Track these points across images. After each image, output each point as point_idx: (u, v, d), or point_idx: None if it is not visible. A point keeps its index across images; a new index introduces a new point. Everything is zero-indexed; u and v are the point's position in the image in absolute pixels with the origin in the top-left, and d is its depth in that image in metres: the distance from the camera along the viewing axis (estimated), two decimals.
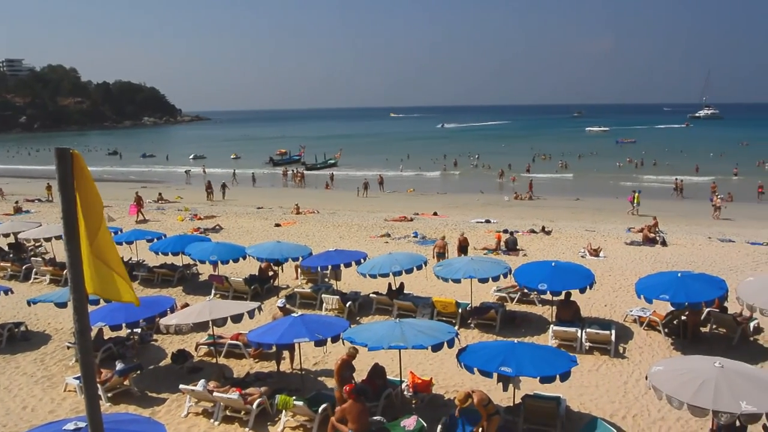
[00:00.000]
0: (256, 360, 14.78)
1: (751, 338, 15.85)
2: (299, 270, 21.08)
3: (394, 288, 18.18)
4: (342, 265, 18.35)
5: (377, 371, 12.36)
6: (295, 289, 19.62)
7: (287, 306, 15.34)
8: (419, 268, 17.37)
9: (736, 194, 45.54)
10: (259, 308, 13.71)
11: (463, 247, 23.69)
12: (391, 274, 16.95)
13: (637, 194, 39.18)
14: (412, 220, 34.84)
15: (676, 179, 50.24)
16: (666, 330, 15.99)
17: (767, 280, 15.01)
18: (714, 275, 16.45)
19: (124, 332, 15.17)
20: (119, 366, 13.22)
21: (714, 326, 16.30)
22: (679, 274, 15.21)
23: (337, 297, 18.20)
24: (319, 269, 19.63)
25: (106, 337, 15.25)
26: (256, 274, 20.57)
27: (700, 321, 15.89)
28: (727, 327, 16.12)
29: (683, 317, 15.85)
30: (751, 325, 16.03)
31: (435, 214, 37.03)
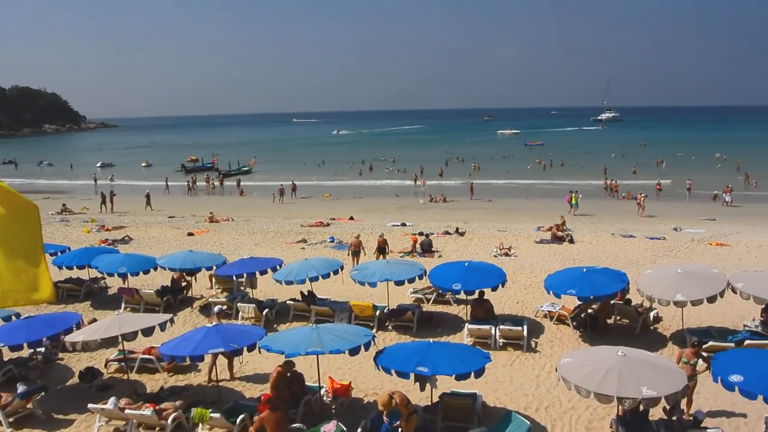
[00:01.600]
0: (171, 374, 14.33)
1: (652, 327, 16.79)
2: (213, 279, 20.62)
3: (305, 294, 18.11)
4: (257, 272, 18.06)
5: (295, 378, 12.26)
6: (210, 299, 19.17)
7: (225, 311, 15.16)
8: (336, 272, 17.39)
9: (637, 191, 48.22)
10: (172, 320, 13.32)
11: (381, 248, 24.01)
12: (307, 279, 16.86)
13: (574, 194, 40.71)
14: (328, 225, 34.81)
15: (609, 180, 52.38)
16: (574, 323, 16.70)
17: (664, 273, 16.02)
18: (616, 269, 17.35)
19: (26, 352, 14.34)
20: (21, 388, 12.47)
21: (618, 317, 17.16)
22: (584, 270, 15.96)
23: (253, 305, 17.91)
24: (234, 278, 19.28)
25: (6, 359, 14.39)
26: (169, 285, 19.95)
27: (608, 313, 16.69)
28: (629, 318, 17.02)
29: (590, 310, 16.62)
30: (651, 315, 17.00)
31: (351, 218, 37.15)
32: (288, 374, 11.58)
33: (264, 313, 17.58)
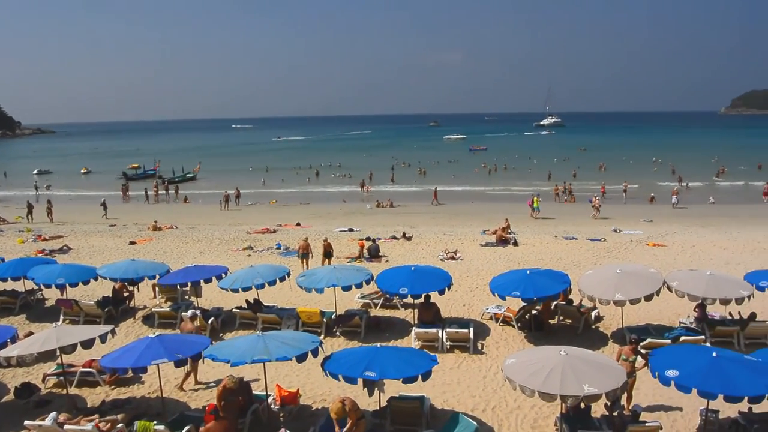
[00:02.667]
0: (112, 386, 13.95)
1: (593, 326, 17.28)
2: (157, 289, 20.16)
3: (251, 302, 17.92)
4: (202, 281, 17.78)
5: (242, 387, 12.09)
6: (153, 309, 18.75)
7: (198, 315, 15.27)
8: (282, 279, 17.26)
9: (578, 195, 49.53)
10: (113, 331, 12.98)
11: (327, 252, 24.18)
12: (253, 287, 16.69)
13: (536, 198, 41.52)
14: (275, 231, 34.50)
15: (565, 183, 53.53)
16: (519, 324, 17.02)
17: (604, 273, 16.51)
18: (559, 271, 17.78)
19: None
20: None
21: (561, 317, 17.58)
22: (528, 272, 16.31)
23: (199, 314, 17.58)
24: (178, 287, 18.90)
25: None
26: (110, 295, 19.41)
27: (551, 313, 17.07)
28: (572, 317, 17.46)
29: (534, 311, 16.97)
30: (593, 314, 17.50)
31: (298, 224, 36.92)
32: (236, 387, 11.39)
33: (209, 321, 17.29)
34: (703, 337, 15.52)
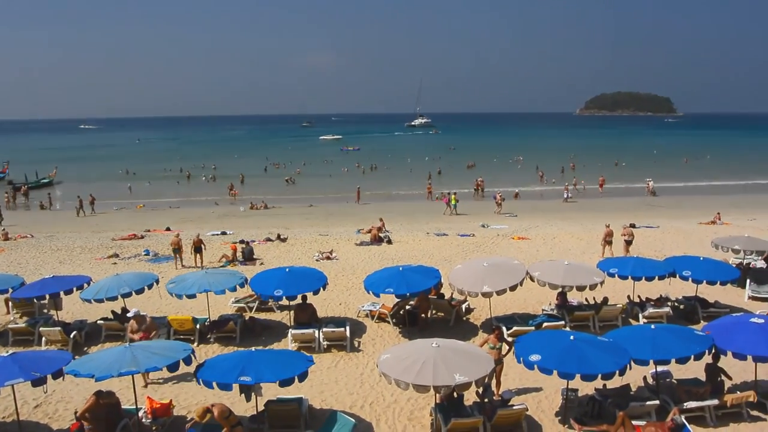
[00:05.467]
0: None
1: (465, 318, 18.04)
2: (10, 303, 18.65)
3: (117, 312, 17.08)
4: (62, 292, 16.63)
5: (110, 402, 11.47)
6: (8, 326, 17.30)
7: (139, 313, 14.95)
8: (150, 287, 16.56)
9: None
10: None
11: (197, 248, 25.21)
12: (120, 296, 15.87)
13: (453, 195, 42.45)
14: (143, 237, 32.96)
15: (477, 180, 54.76)
16: (394, 320, 17.41)
17: (472, 267, 17.31)
18: (430, 266, 18.36)
19: None
20: None
21: (434, 311, 18.16)
22: (400, 268, 16.76)
23: (59, 328, 16.44)
24: (35, 300, 17.57)
25: None
26: None
27: (425, 308, 17.56)
28: (444, 311, 18.11)
29: (408, 306, 17.41)
30: (464, 306, 18.26)
31: (168, 229, 35.47)
32: (102, 402, 10.80)
33: (71, 336, 16.20)
34: (563, 322, 16.64)
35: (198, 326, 16.53)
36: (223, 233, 33.40)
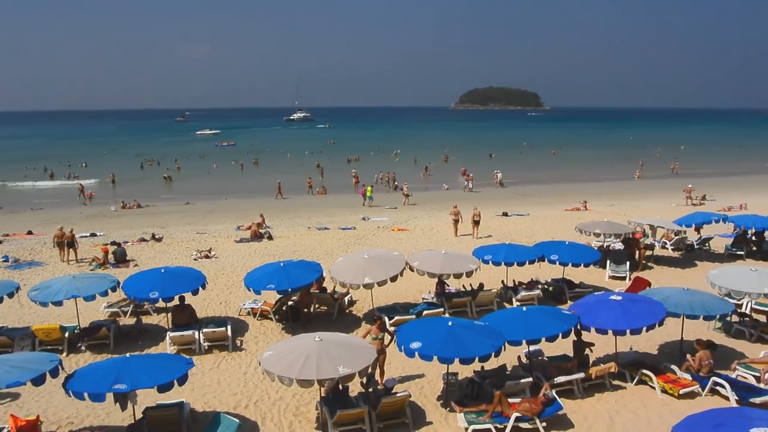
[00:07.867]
0: None
1: (347, 310, 18.22)
2: None
3: None
4: None
5: None
6: None
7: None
8: (10, 296, 15.49)
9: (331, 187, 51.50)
10: None
11: (69, 243, 25.10)
12: None
13: (369, 188, 43.00)
14: (1, 242, 30.45)
15: (389, 173, 54.59)
16: (277, 317, 17.26)
17: (353, 259, 17.52)
18: (312, 260, 18.37)
19: None
20: None
21: (317, 305, 18.18)
22: (281, 264, 16.65)
23: None
24: None
25: None
26: None
27: (307, 302, 17.53)
28: (327, 304, 18.19)
29: (291, 302, 17.31)
30: (346, 299, 18.41)
31: (30, 233, 33.00)
32: None
33: None
34: (442, 309, 17.21)
35: (67, 335, 15.55)
36: (93, 235, 31.56)
